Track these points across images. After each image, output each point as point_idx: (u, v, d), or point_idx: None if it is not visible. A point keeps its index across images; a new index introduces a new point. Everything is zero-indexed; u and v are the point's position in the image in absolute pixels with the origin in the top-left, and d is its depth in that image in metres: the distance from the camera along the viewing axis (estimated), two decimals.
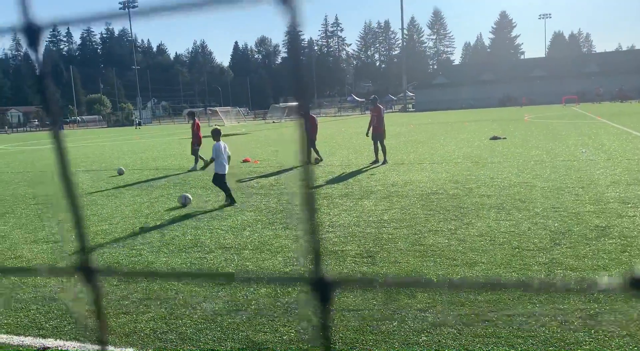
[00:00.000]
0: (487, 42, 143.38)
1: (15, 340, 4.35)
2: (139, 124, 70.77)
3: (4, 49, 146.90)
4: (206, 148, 13.83)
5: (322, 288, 0.49)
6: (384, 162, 14.28)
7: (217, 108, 69.58)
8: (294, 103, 47.82)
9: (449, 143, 19.40)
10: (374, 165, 14.04)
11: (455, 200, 8.81)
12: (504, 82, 78.77)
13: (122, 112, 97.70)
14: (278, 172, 14.15)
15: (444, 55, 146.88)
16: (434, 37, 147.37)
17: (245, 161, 17.29)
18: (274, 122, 59.71)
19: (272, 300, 4.85)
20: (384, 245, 6.35)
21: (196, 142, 16.27)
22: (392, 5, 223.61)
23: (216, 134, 9.99)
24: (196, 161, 16.19)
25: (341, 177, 12.41)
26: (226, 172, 9.79)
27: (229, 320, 4.45)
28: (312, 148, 15.89)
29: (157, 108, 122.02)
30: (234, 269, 5.84)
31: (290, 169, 14.46)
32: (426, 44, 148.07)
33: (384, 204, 8.79)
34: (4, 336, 4.43)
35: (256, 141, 27.87)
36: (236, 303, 4.84)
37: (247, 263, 6.01)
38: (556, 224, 6.90)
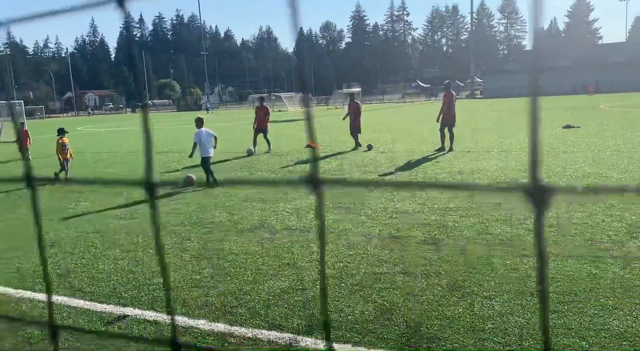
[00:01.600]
0: (561, 27, 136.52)
1: (98, 307, 4.68)
2: (208, 109, 72.93)
3: (82, 35, 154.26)
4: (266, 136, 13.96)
5: (539, 194, 0.52)
6: (450, 149, 14.03)
7: (281, 94, 70.44)
8: (357, 89, 47.66)
9: (519, 132, 18.75)
10: (440, 153, 13.82)
11: None
12: (580, 68, 74.81)
13: (191, 97, 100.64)
14: (340, 157, 14.22)
15: (515, 40, 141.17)
16: (505, 21, 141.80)
17: (308, 146, 17.48)
18: (336, 107, 59.74)
19: (337, 281, 4.95)
20: (449, 232, 6.29)
21: (261, 126, 16.61)
22: None
23: (199, 122, 10.86)
24: (255, 144, 16.49)
25: (405, 164, 12.31)
26: (210, 155, 10.79)
27: (296, 298, 4.58)
28: (355, 135, 15.93)
29: (224, 93, 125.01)
30: (299, 250, 5.97)
31: (350, 153, 14.50)
32: (496, 29, 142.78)
33: (449, 192, 8.67)
34: (89, 303, 4.77)
35: (319, 126, 28.05)
36: (302, 282, 4.97)
37: (312, 245, 6.13)
38: (633, 217, 6.58)
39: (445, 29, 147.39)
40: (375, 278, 4.95)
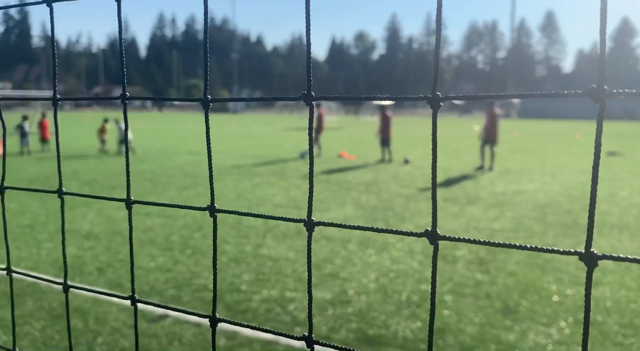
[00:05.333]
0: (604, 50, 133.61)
1: (139, 305, 4.60)
2: (235, 112, 73.71)
3: (115, 32, 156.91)
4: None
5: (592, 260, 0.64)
6: (490, 168, 13.73)
7: None
8: (388, 101, 47.43)
9: (560, 155, 18.30)
10: (479, 171, 13.53)
11: (571, 215, 8.26)
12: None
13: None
14: (375, 170, 14.05)
15: (554, 62, 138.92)
16: (545, 41, 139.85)
17: (341, 156, 17.38)
18: (367, 118, 59.55)
19: (383, 296, 4.78)
20: (496, 254, 6.07)
21: (317, 129, 17.51)
22: (501, 5, 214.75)
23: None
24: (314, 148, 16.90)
25: (443, 181, 12.07)
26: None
27: (341, 310, 4.44)
28: (385, 147, 15.86)
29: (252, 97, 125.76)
30: (341, 261, 5.83)
31: (385, 165, 14.32)
32: (535, 49, 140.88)
33: (493, 212, 8.42)
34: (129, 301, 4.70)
35: (350, 136, 27.92)
36: (346, 294, 4.82)
37: (353, 257, 5.98)
38: None
39: (482, 46, 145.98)
40: (423, 296, 4.77)
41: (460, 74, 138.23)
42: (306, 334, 0.83)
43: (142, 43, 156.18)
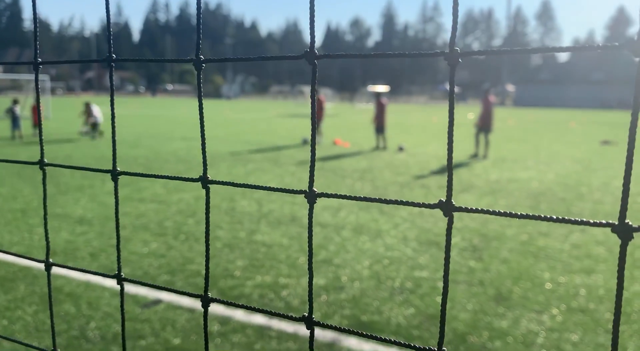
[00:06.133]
0: (599, 39, 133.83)
1: (132, 289, 4.58)
2: (228, 97, 73.25)
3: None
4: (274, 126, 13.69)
5: (627, 231, 0.59)
6: (484, 156, 13.74)
7: (304, 88, 70.31)
8: (385, 88, 47.31)
9: (555, 144, 18.34)
10: (473, 159, 13.54)
11: (565, 203, 8.29)
12: (617, 83, 73.21)
13: (212, 84, 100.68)
14: (370, 157, 14.03)
15: None
16: (541, 30, 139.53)
17: (335, 143, 17.35)
18: (362, 105, 59.43)
19: (376, 282, 4.79)
20: (490, 241, 6.08)
21: (317, 116, 17.27)
22: None
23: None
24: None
25: (439, 168, 12.07)
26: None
27: (334, 296, 4.44)
28: (380, 134, 15.83)
29: (246, 83, 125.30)
30: (335, 247, 5.83)
31: (379, 153, 14.31)
32: (531, 37, 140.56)
33: (487, 200, 8.44)
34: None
35: (345, 124, 27.84)
36: (339, 281, 4.82)
37: (347, 244, 5.98)
38: None
39: (478, 33, 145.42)
40: (416, 283, 4.78)
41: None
42: (306, 314, 0.79)
43: (136, 27, 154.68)
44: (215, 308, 4.13)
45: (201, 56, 0.85)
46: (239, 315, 4.04)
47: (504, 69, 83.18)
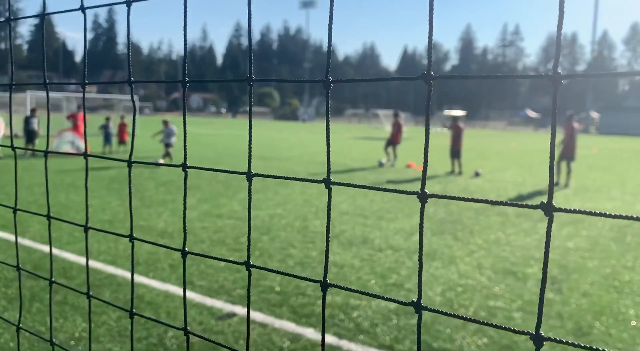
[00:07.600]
0: None
1: (208, 301, 4.77)
2: (304, 120, 74.74)
3: (193, 40, 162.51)
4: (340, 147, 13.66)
5: None
6: (566, 185, 13.15)
7: (379, 111, 70.27)
8: (461, 112, 46.46)
9: None
10: (554, 187, 12.96)
11: None
12: None
13: (289, 107, 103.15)
14: (444, 181, 13.81)
15: (639, 76, 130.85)
16: (629, 55, 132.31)
17: (409, 166, 17.23)
18: (437, 130, 58.61)
19: (448, 309, 4.70)
20: (570, 274, 5.81)
21: (393, 140, 17.84)
22: (582, 17, 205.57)
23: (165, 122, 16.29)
24: (387, 155, 18.09)
25: (516, 195, 11.68)
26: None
27: (405, 321, 4.40)
28: (455, 159, 15.51)
29: (322, 106, 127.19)
30: (406, 272, 5.78)
31: (454, 178, 14.03)
32: (618, 62, 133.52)
33: (568, 230, 8.06)
34: (199, 296, 4.89)
35: (420, 147, 27.55)
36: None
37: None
38: None
39: (561, 58, 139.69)
40: (491, 312, 4.65)
41: (537, 86, 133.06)
42: (415, 300, 0.86)
43: (219, 51, 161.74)
44: (286, 325, 4.22)
45: (252, 76, 1.02)
46: (310, 333, 4.10)
47: (588, 94, 79.34)
